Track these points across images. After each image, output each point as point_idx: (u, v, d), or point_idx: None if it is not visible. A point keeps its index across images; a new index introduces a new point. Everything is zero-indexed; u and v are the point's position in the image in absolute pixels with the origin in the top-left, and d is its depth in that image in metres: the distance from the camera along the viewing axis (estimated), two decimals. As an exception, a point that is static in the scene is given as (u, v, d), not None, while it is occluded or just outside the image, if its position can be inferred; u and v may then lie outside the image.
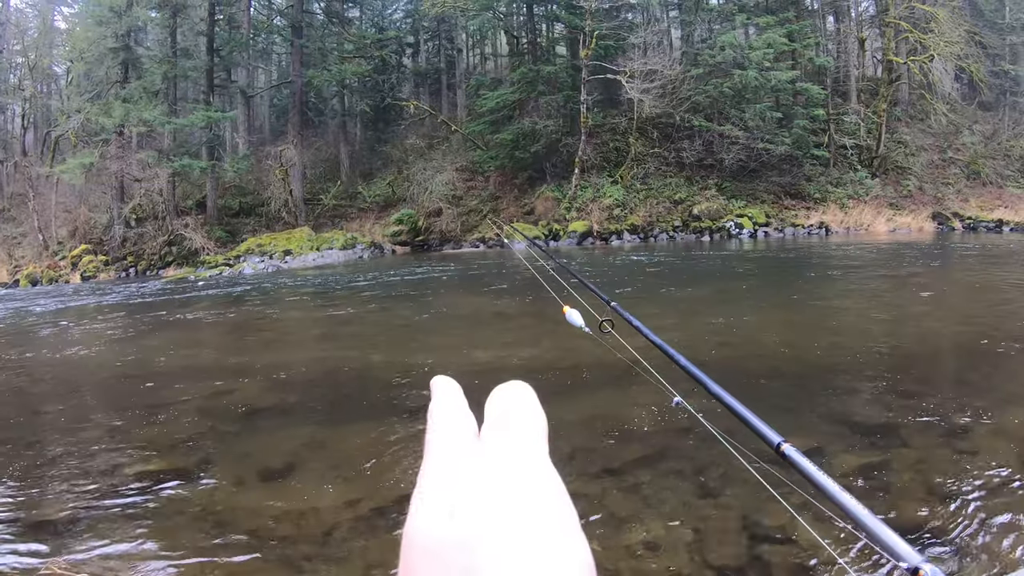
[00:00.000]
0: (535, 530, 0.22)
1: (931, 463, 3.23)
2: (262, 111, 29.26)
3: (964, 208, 25.75)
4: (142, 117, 23.38)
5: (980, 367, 5.08)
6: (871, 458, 3.32)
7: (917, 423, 3.79)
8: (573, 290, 2.53)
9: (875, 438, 3.59)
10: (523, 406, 0.28)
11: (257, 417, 4.59)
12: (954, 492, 2.90)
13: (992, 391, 4.40)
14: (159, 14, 24.94)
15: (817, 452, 3.39)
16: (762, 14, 24.85)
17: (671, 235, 22.11)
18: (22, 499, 3.45)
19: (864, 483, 3.06)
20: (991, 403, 4.09)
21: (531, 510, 0.22)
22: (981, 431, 3.63)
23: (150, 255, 23.81)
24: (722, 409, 1.10)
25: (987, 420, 3.78)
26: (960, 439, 3.53)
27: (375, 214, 23.41)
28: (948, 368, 5.29)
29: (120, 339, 8.62)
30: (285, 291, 13.39)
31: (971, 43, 27.49)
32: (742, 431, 1.03)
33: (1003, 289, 9.53)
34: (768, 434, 0.95)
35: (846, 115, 26.00)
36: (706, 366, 1.21)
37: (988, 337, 5.99)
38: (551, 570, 0.22)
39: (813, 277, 12.06)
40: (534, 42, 25.92)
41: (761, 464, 1.17)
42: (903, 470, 3.18)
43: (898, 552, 0.64)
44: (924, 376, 4.93)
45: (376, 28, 28.31)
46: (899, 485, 3.03)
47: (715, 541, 2.60)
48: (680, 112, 23.31)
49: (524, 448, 0.26)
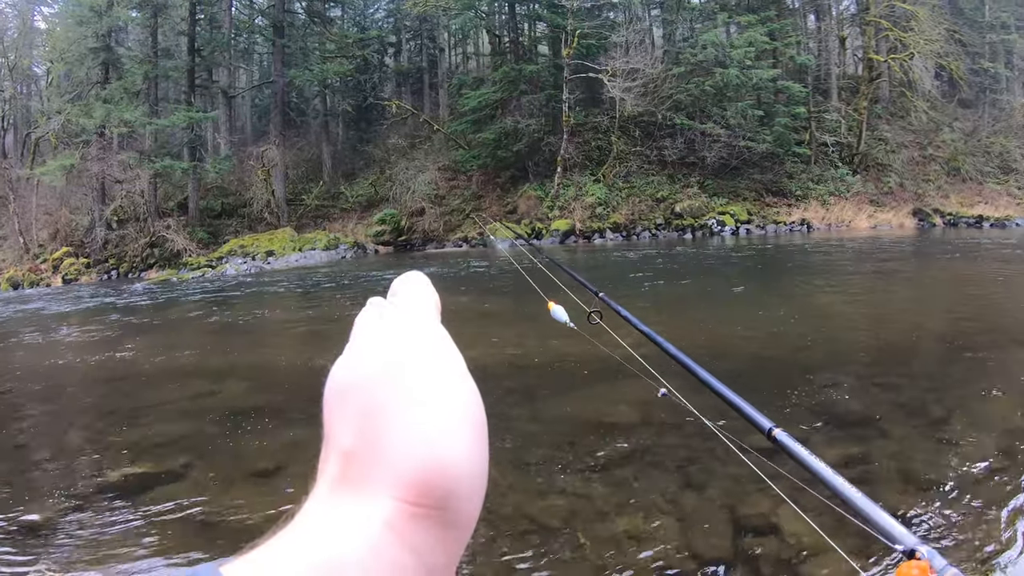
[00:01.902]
0: (426, 369, 0.25)
1: (911, 453, 3.28)
2: (244, 111, 29.10)
3: (944, 204, 26.00)
4: (123, 118, 23.23)
5: (959, 359, 5.16)
6: (852, 448, 3.36)
7: (897, 414, 3.85)
8: (563, 285, 2.50)
9: (857, 429, 3.64)
10: (413, 283, 0.30)
11: (242, 418, 4.58)
12: (934, 481, 2.95)
13: (971, 382, 4.46)
14: (140, 14, 24.76)
15: (800, 443, 3.42)
16: (744, 13, 24.97)
17: (653, 233, 22.19)
18: (8, 503, 3.43)
19: (846, 473, 3.09)
20: (970, 393, 4.16)
21: (421, 355, 0.25)
22: (960, 421, 3.68)
23: (132, 257, 23.63)
24: (713, 400, 1.09)
25: (966, 410, 3.84)
26: (940, 429, 3.59)
27: (357, 214, 23.35)
28: (928, 361, 5.35)
29: (103, 342, 8.57)
30: (268, 292, 13.35)
31: (951, 41, 27.73)
32: (732, 421, 1.02)
33: (982, 283, 9.66)
34: (760, 420, 0.95)
35: (827, 113, 26.18)
36: (691, 359, 1.22)
37: (968, 330, 6.09)
38: (445, 398, 0.24)
39: (795, 273, 12.15)
40: (516, 41, 25.93)
41: (755, 454, 1.17)
42: (883, 460, 3.22)
43: (894, 534, 0.62)
44: (905, 369, 4.98)
45: (358, 27, 28.19)
46: (878, 475, 3.07)
47: (703, 531, 2.62)
48: (662, 110, 23.39)
49: (413, 311, 0.27)
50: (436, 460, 0.23)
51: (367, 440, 0.23)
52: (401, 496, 0.22)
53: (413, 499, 0.22)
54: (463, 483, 0.23)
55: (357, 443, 0.24)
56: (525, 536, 2.65)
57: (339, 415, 0.25)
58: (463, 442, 0.23)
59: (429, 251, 21.64)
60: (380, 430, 0.23)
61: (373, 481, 0.23)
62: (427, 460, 0.22)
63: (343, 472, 0.24)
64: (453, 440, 0.23)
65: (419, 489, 0.22)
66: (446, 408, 0.24)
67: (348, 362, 0.26)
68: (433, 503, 0.22)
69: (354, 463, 0.23)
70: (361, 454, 0.23)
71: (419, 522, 0.22)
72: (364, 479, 0.23)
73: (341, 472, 0.24)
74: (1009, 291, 8.86)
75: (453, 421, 0.24)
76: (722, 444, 1.18)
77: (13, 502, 3.45)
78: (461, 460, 0.23)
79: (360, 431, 0.24)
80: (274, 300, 12.13)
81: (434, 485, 0.22)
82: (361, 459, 0.23)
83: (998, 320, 6.65)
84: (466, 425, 0.24)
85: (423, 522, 0.22)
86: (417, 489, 0.22)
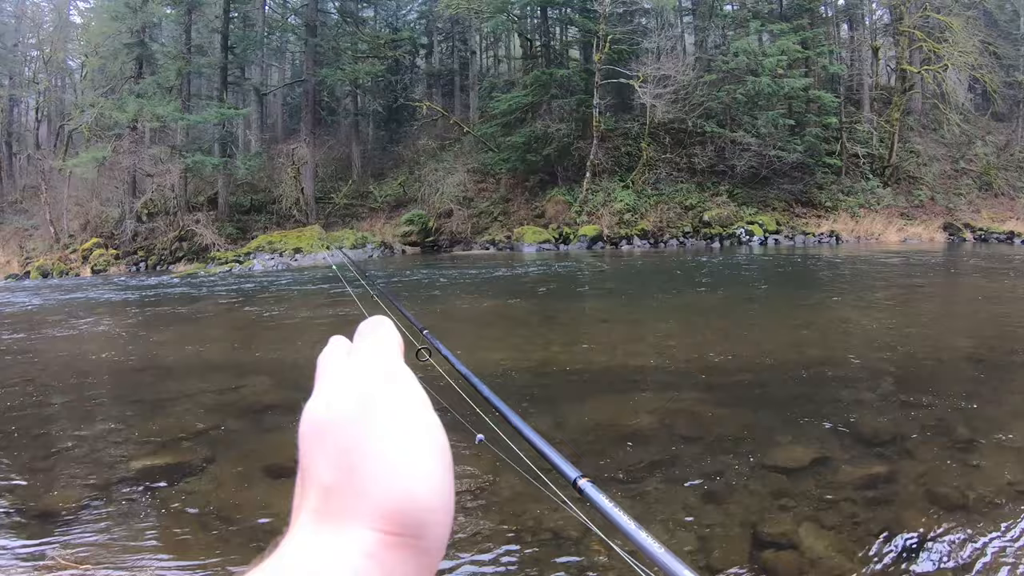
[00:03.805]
0: (397, 407, 0.27)
1: (935, 475, 3.23)
2: (275, 109, 29.34)
3: (976, 219, 25.64)
4: (155, 113, 23.49)
5: (986, 379, 5.07)
6: (876, 468, 3.32)
7: (922, 435, 3.79)
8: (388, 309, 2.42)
9: (880, 449, 3.58)
10: (379, 326, 0.31)
11: (264, 414, 4.59)
12: (959, 504, 2.90)
13: (998, 404, 4.39)
14: (174, 10, 25.06)
15: (822, 462, 3.38)
16: (776, 21, 24.81)
17: (681, 241, 22.09)
18: (28, 490, 3.46)
19: (869, 493, 3.05)
20: (997, 416, 4.08)
21: (390, 393, 0.27)
22: (986, 445, 3.62)
23: (160, 250, 23.88)
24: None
25: (992, 434, 3.77)
26: (965, 452, 3.53)
27: (386, 214, 23.45)
28: (956, 379, 5.27)
29: (129, 333, 8.66)
30: (294, 289, 13.40)
31: (985, 53, 27.36)
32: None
33: (1011, 301, 9.53)
34: (566, 469, 0.93)
35: (859, 123, 25.93)
36: (713, 372, 1.16)
37: (994, 349, 6.01)
38: (416, 434, 0.26)
39: (822, 286, 12.06)
40: (547, 45, 25.94)
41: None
42: (908, 482, 3.18)
43: None
44: (930, 388, 4.92)
45: (390, 28, 28.36)
46: (903, 496, 3.03)
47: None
48: (692, 118, 23.28)
49: (381, 352, 0.29)
50: (410, 491, 0.24)
51: (345, 474, 0.25)
52: (379, 527, 0.24)
53: (391, 529, 0.24)
54: (436, 511, 0.25)
55: (336, 477, 0.25)
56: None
57: (318, 451, 0.26)
58: (434, 472, 0.25)
59: (456, 252, 21.69)
60: (357, 465, 0.25)
61: (353, 513, 0.24)
62: (402, 492, 0.24)
63: (324, 505, 0.25)
64: (424, 471, 0.25)
65: (396, 519, 0.24)
66: (416, 443, 0.26)
67: (324, 400, 0.28)
68: (409, 532, 0.24)
69: (334, 496, 0.25)
70: (340, 488, 0.25)
71: (397, 550, 0.23)
72: (344, 511, 0.24)
73: (322, 505, 0.25)
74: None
75: (423, 454, 0.25)
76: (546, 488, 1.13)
77: (33, 489, 3.46)
78: (433, 489, 0.25)
79: (338, 466, 0.25)
80: (300, 297, 12.17)
81: (409, 514, 0.24)
82: (340, 493, 0.25)
83: (1025, 340, 6.54)
84: (436, 456, 0.26)
85: (401, 550, 0.23)
86: (394, 519, 0.24)
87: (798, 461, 3.41)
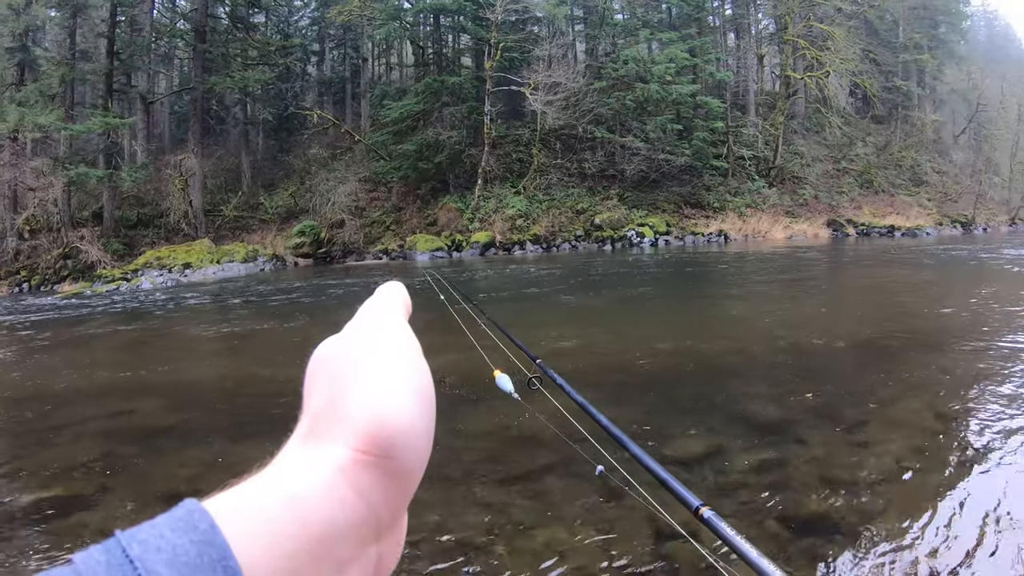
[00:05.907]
0: (388, 346, 0.30)
1: (827, 457, 3.37)
2: (162, 118, 28.37)
3: (858, 215, 27.19)
4: (37, 122, 22.35)
5: (872, 363, 5.29)
6: (769, 454, 3.44)
7: (813, 420, 3.95)
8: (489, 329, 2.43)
9: (773, 436, 3.72)
10: (390, 288, 0.35)
11: (158, 438, 4.43)
12: (850, 482, 3.06)
13: (884, 386, 4.58)
14: (58, 13, 23.98)
15: (719, 452, 3.50)
16: (665, 30, 25.66)
17: (573, 244, 22.55)
18: None
19: (764, 478, 3.17)
20: (882, 397, 4.30)
21: (380, 336, 0.30)
22: (873, 424, 3.80)
23: (44, 269, 22.77)
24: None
25: (878, 413, 3.98)
26: (854, 432, 3.70)
27: (277, 225, 23.07)
28: (843, 366, 5.46)
29: (13, 359, 8.25)
30: (184, 306, 13.03)
31: (866, 60, 29.02)
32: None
33: (892, 290, 10.00)
34: (687, 497, 0.94)
35: (745, 127, 27.07)
36: (604, 370, 1.23)
37: (879, 335, 6.28)
38: (398, 368, 0.29)
39: (713, 283, 12.39)
40: (440, 53, 25.99)
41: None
42: (801, 463, 3.31)
43: None
44: (820, 375, 5.09)
45: (281, 35, 27.81)
46: (797, 479, 3.15)
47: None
48: (583, 124, 23.82)
49: (384, 307, 0.33)
50: (384, 415, 0.27)
51: (330, 401, 0.28)
52: (352, 445, 0.26)
53: (362, 447, 0.26)
54: (405, 436, 0.27)
55: (323, 404, 0.28)
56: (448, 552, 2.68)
57: (313, 384, 0.29)
58: (406, 403, 0.28)
59: (349, 263, 21.50)
60: (341, 392, 0.28)
61: (332, 434, 0.27)
62: (377, 414, 0.27)
63: (310, 428, 0.28)
64: (397, 400, 0.28)
65: (367, 439, 0.26)
66: (394, 376, 0.29)
67: (328, 341, 0.31)
68: (378, 452, 0.26)
69: (319, 420, 0.28)
70: (325, 412, 0.28)
71: (367, 468, 0.26)
72: (325, 432, 0.27)
73: (308, 428, 0.28)
74: (917, 297, 9.20)
75: (398, 386, 0.28)
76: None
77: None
78: (403, 417, 0.27)
79: (327, 394, 0.28)
80: (190, 315, 11.86)
81: (382, 436, 0.27)
82: (325, 416, 0.28)
83: (908, 325, 6.87)
84: (410, 391, 0.28)
85: (373, 470, 0.26)
86: (365, 439, 0.26)
87: (693, 453, 3.53)
